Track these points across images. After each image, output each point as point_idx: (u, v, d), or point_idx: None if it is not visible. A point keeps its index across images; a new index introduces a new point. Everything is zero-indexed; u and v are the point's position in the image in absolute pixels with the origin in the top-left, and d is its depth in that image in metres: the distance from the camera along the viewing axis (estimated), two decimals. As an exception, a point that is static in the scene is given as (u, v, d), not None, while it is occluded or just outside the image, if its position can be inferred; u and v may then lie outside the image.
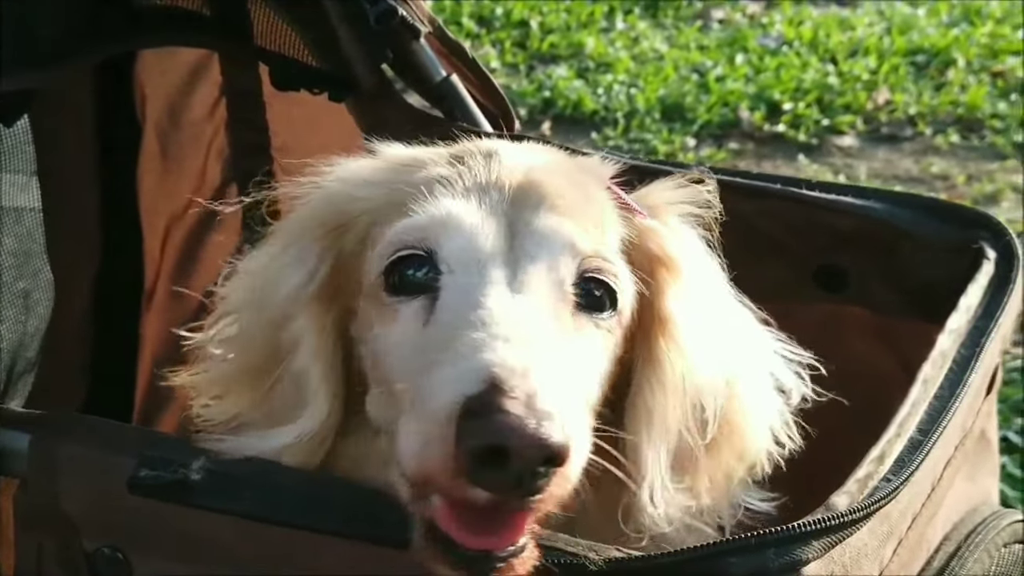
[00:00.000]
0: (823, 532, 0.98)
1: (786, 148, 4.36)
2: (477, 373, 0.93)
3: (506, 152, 1.20)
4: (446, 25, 1.72)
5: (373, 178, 1.21)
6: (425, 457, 0.94)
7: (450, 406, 0.92)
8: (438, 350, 1.00)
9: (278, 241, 1.23)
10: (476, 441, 0.90)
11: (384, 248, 1.12)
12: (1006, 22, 5.32)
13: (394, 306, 1.10)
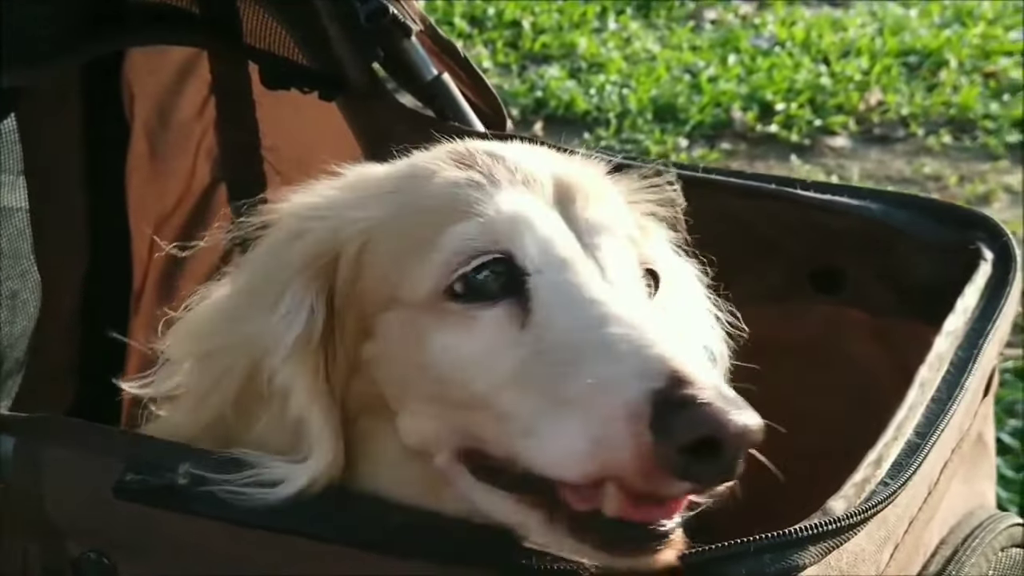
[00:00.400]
0: (820, 537, 0.97)
1: (779, 149, 4.35)
2: (657, 367, 0.93)
3: (509, 151, 1.17)
4: (438, 25, 1.71)
5: (368, 194, 1.15)
6: (608, 456, 0.93)
7: (636, 403, 0.91)
8: (565, 352, 0.98)
9: (258, 287, 1.13)
10: (688, 435, 0.89)
11: (449, 256, 1.06)
12: (998, 23, 5.32)
13: (469, 314, 1.04)
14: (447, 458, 1.07)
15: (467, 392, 1.03)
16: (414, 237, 1.09)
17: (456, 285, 1.05)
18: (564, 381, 0.97)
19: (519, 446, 0.99)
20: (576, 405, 0.95)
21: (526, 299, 1.04)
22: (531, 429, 0.98)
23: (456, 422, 1.05)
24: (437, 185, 1.11)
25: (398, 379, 1.09)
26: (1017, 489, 2.66)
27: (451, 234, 1.06)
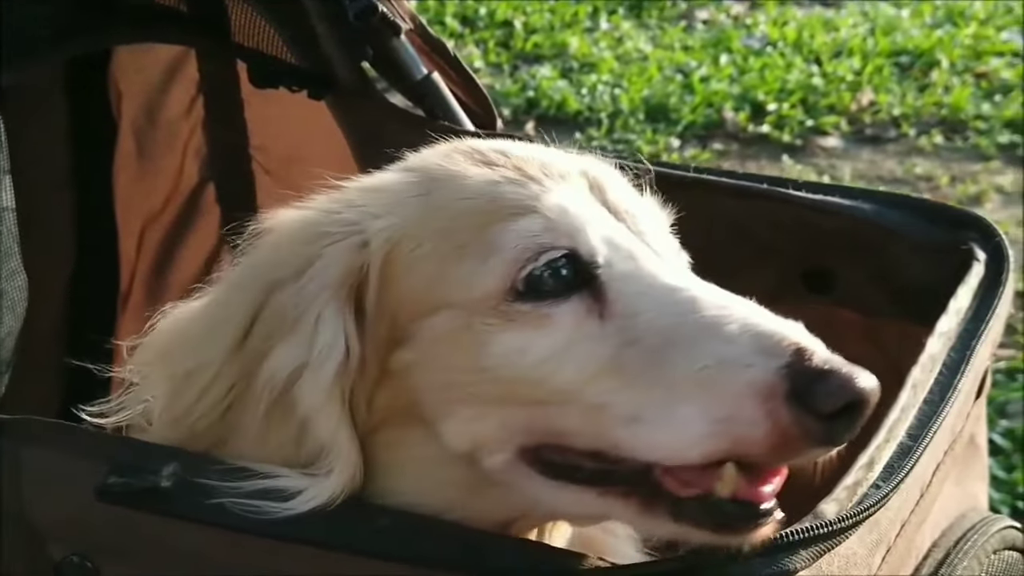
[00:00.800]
0: (811, 541, 0.95)
1: (770, 149, 4.35)
2: (775, 344, 0.95)
3: (519, 149, 1.16)
4: (430, 25, 1.70)
5: (389, 201, 1.11)
6: (739, 434, 0.95)
7: (765, 380, 0.94)
8: (660, 338, 0.99)
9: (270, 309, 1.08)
10: (832, 404, 0.93)
11: (515, 254, 1.04)
12: (990, 23, 5.33)
13: (540, 312, 1.03)
14: (506, 459, 1.06)
15: (545, 389, 1.02)
16: (456, 238, 1.07)
17: (520, 284, 1.04)
18: (668, 367, 0.98)
19: (618, 435, 1.00)
20: (690, 388, 0.96)
21: (599, 292, 1.04)
22: (635, 417, 0.98)
23: (523, 421, 1.04)
24: (472, 184, 1.09)
25: (443, 384, 1.07)
26: (1008, 490, 2.65)
27: (511, 232, 1.05)
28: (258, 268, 1.12)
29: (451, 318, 1.06)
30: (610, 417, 1.00)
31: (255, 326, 1.08)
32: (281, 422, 1.06)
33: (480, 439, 1.06)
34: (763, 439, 0.94)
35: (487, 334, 1.04)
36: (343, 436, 1.05)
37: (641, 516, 1.02)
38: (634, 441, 0.99)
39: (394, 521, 1.02)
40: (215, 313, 1.13)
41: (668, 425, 0.97)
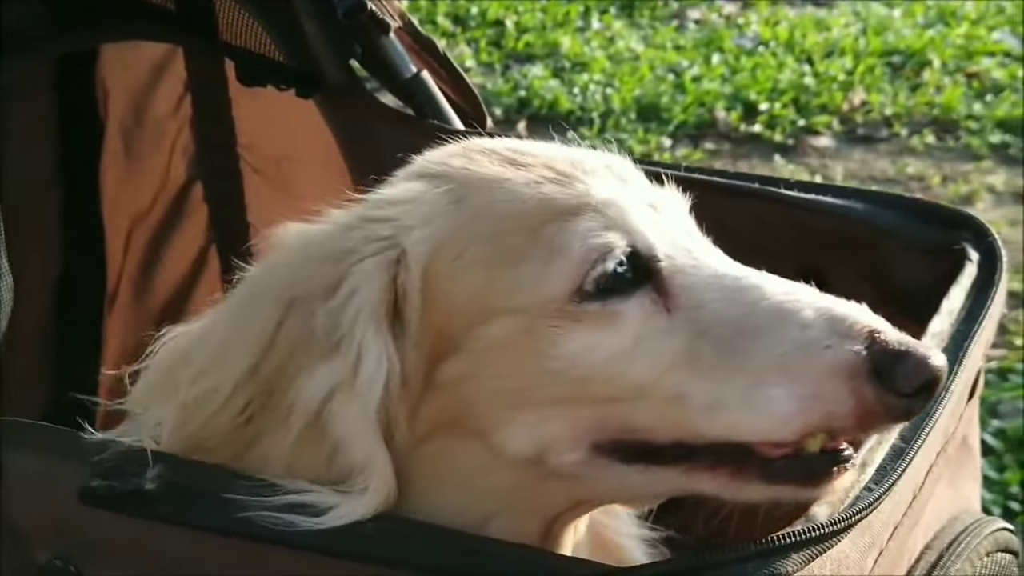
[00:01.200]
0: (803, 544, 0.94)
1: (762, 148, 4.34)
2: (850, 326, 1.00)
3: (533, 147, 1.15)
4: (421, 24, 1.69)
5: (423, 211, 1.07)
6: (826, 411, 0.99)
7: (848, 361, 0.99)
8: (733, 326, 1.02)
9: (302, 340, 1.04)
10: (913, 382, 0.99)
11: (583, 255, 1.03)
12: (981, 23, 5.33)
13: (609, 311, 1.03)
14: (582, 456, 1.05)
15: (617, 385, 1.03)
16: (504, 243, 1.04)
17: (589, 284, 1.03)
18: (747, 354, 1.01)
19: (700, 424, 1.02)
20: (773, 372, 1.00)
21: (661, 285, 1.05)
22: (716, 405, 1.01)
23: (595, 419, 1.04)
24: (513, 187, 1.07)
25: (503, 391, 1.05)
26: (1000, 491, 2.65)
27: (573, 233, 1.03)
28: (274, 287, 1.07)
29: (509, 324, 1.03)
30: (689, 407, 1.02)
31: (274, 347, 1.05)
32: (312, 444, 1.03)
33: (548, 441, 1.05)
34: (849, 414, 0.99)
35: (553, 337, 1.03)
36: (380, 457, 1.02)
37: (730, 485, 1.04)
38: (719, 427, 1.02)
39: (378, 526, 1.00)
40: (225, 334, 1.09)
41: (755, 408, 1.00)
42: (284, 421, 1.03)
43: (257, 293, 1.09)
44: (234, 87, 1.82)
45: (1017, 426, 2.82)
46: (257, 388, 1.05)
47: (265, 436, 1.05)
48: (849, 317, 1.01)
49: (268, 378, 1.05)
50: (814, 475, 1.02)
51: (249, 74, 1.73)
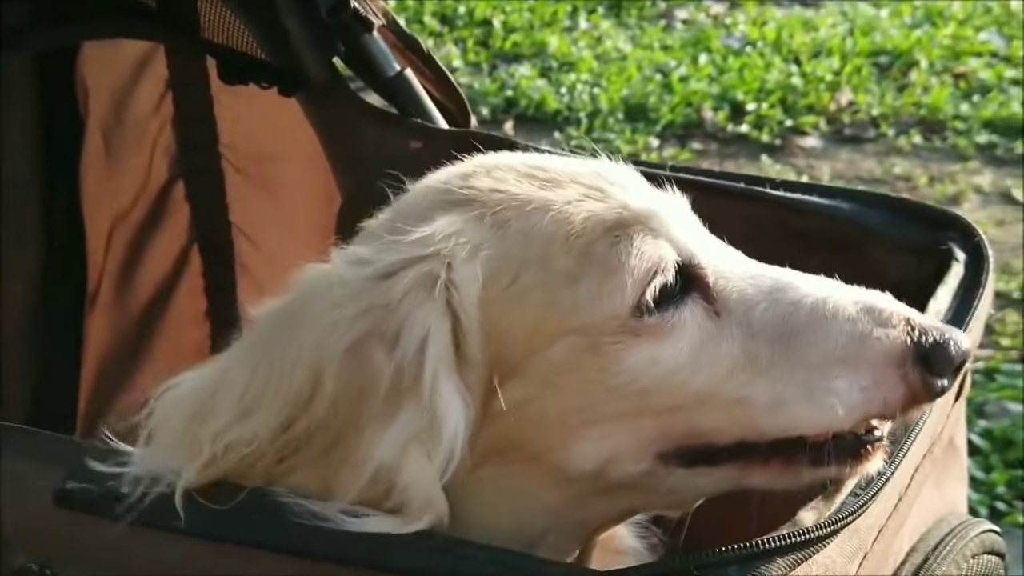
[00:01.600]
0: (789, 549, 0.93)
1: (749, 148, 4.33)
2: (889, 315, 1.06)
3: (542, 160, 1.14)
4: (409, 24, 1.67)
5: (462, 240, 1.04)
6: (884, 398, 1.04)
7: (895, 349, 1.04)
8: (782, 326, 1.05)
9: (357, 389, 1.00)
10: (950, 364, 1.06)
11: (643, 273, 1.03)
12: (968, 24, 5.33)
13: (666, 323, 1.04)
14: (646, 466, 1.06)
15: (681, 395, 1.04)
16: (558, 264, 1.03)
17: (650, 298, 1.04)
18: (803, 350, 1.04)
19: (763, 423, 1.04)
20: (832, 365, 1.04)
21: (707, 291, 1.07)
22: (779, 402, 1.04)
23: (659, 429, 1.05)
24: (553, 207, 1.06)
25: (567, 411, 1.04)
26: (987, 491, 2.64)
27: (627, 249, 1.04)
28: (308, 337, 1.02)
29: (571, 345, 1.03)
30: (752, 408, 1.04)
31: (317, 396, 1.01)
32: (372, 484, 1.00)
33: (611, 455, 1.05)
34: (900, 399, 1.05)
35: (616, 353, 1.03)
36: (437, 494, 1.01)
37: (782, 475, 1.07)
38: (782, 424, 1.04)
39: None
40: (251, 387, 1.03)
41: (818, 402, 1.03)
42: (343, 472, 1.00)
43: (285, 342, 1.03)
44: (216, 85, 1.81)
45: (1004, 426, 2.81)
46: (296, 441, 1.01)
47: (301, 471, 1.02)
48: (885, 307, 1.07)
49: (312, 431, 1.01)
50: (856, 456, 1.06)
51: (231, 72, 1.72)
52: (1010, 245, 3.65)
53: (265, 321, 1.08)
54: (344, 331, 1.01)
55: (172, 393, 1.08)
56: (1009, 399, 2.92)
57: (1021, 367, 3.06)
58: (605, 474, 1.06)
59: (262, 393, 1.02)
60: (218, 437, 1.02)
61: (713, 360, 1.05)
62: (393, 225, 1.09)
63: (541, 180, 1.09)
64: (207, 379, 1.07)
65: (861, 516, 1.01)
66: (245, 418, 1.02)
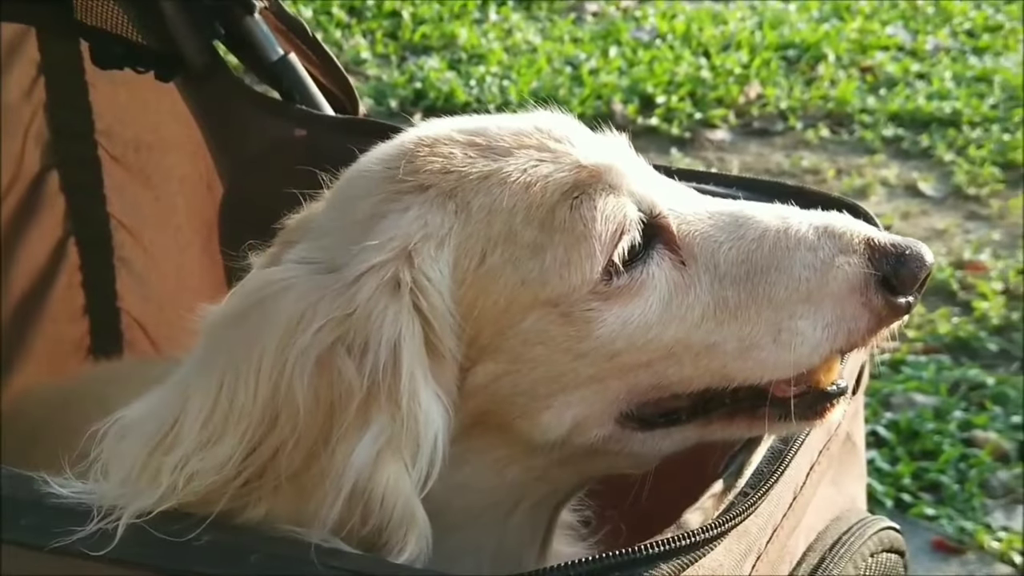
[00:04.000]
0: (673, 553, 0.88)
1: (659, 141, 4.31)
2: (850, 238, 1.04)
3: (485, 121, 1.11)
4: (316, 15, 1.60)
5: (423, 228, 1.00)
6: (849, 329, 1.04)
7: (857, 276, 1.03)
8: (747, 265, 1.03)
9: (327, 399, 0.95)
10: (913, 281, 1.04)
11: (611, 235, 1.01)
12: (875, 18, 5.39)
13: (636, 280, 1.02)
14: (608, 430, 1.05)
15: (652, 349, 1.03)
16: (524, 238, 1.01)
17: (618, 260, 1.02)
18: (768, 289, 1.03)
19: (733, 368, 1.03)
20: (796, 303, 1.03)
21: (670, 239, 1.05)
22: (749, 346, 1.03)
23: (625, 387, 1.04)
24: (508, 178, 1.02)
25: (538, 381, 1.02)
26: (892, 482, 2.64)
27: (591, 212, 1.01)
28: (270, 346, 0.95)
29: (543, 317, 1.01)
30: (721, 354, 1.03)
31: (284, 415, 0.94)
32: (348, 504, 0.94)
33: (579, 420, 1.04)
34: (866, 327, 1.04)
35: (588, 319, 1.01)
36: (417, 507, 0.96)
37: (747, 429, 1.06)
38: (752, 368, 1.03)
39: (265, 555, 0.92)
40: (210, 408, 0.96)
41: (786, 343, 1.03)
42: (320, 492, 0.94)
43: (245, 359, 0.96)
44: (91, 70, 1.72)
45: (910, 418, 2.82)
46: (263, 464, 0.95)
47: (267, 498, 0.95)
48: (846, 230, 1.05)
49: (281, 452, 0.94)
50: (819, 409, 1.07)
51: (104, 56, 1.63)
52: (915, 237, 3.66)
53: (218, 333, 1.00)
54: (308, 344, 0.95)
55: (125, 421, 1.00)
56: (915, 391, 2.93)
57: (926, 358, 3.07)
58: (571, 442, 1.05)
59: (227, 417, 0.95)
60: (181, 467, 0.95)
61: (683, 311, 1.03)
62: (343, 222, 1.04)
63: (487, 148, 1.05)
64: (163, 403, 1.00)
65: (751, 516, 0.96)
66: (210, 446, 0.95)
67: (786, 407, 1.04)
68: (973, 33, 5.29)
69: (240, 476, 0.95)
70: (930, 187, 3.99)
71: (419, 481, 0.96)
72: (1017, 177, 4.03)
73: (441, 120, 1.14)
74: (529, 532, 1.13)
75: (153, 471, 0.96)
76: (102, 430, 0.98)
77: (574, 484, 1.15)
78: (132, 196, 1.79)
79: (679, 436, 1.08)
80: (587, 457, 1.08)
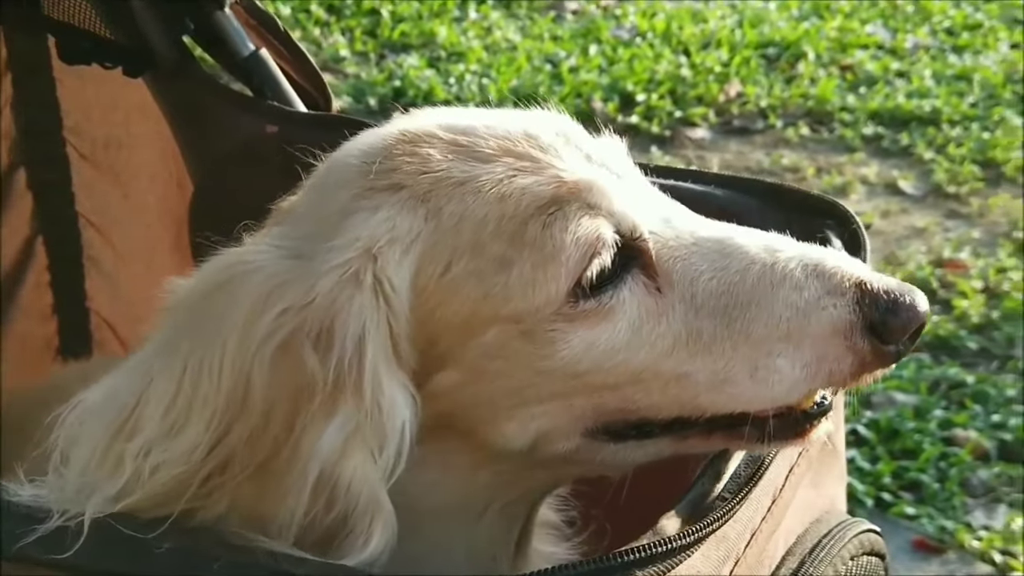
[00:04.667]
0: (649, 560, 0.86)
1: (639, 140, 4.29)
2: (840, 280, 1.00)
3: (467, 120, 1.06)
4: (294, 13, 1.57)
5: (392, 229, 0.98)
6: (829, 371, 1.00)
7: (843, 319, 0.99)
8: (728, 297, 1.00)
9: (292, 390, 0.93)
10: (904, 331, 1.00)
11: (581, 253, 0.97)
12: (854, 16, 5.38)
13: (605, 305, 0.99)
14: (575, 443, 1.03)
15: (619, 374, 1.00)
16: (491, 251, 0.98)
17: (587, 283, 0.98)
18: (747, 324, 1.00)
19: (704, 400, 1.01)
20: (776, 341, 0.99)
21: (648, 265, 1.01)
22: (722, 380, 1.00)
23: (593, 405, 1.01)
24: (486, 187, 0.99)
25: (499, 394, 1.00)
26: (872, 481, 2.63)
27: (563, 232, 0.97)
28: (233, 329, 0.93)
29: (504, 332, 0.99)
30: (693, 385, 1.00)
31: (252, 406, 0.92)
32: (314, 494, 0.93)
33: (543, 433, 1.02)
34: (847, 370, 1.00)
35: (551, 340, 0.99)
36: (383, 496, 0.95)
37: (726, 446, 1.03)
38: (725, 402, 1.01)
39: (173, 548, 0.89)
40: (173, 395, 0.94)
41: (760, 380, 0.99)
42: (287, 480, 0.92)
43: (209, 341, 0.94)
44: (59, 66, 1.69)
45: (890, 417, 2.81)
46: (229, 455, 0.93)
47: (231, 491, 0.93)
48: (836, 271, 1.01)
49: (247, 442, 0.93)
50: (800, 430, 1.04)
51: (71, 52, 1.60)
52: (896, 236, 3.67)
53: (182, 312, 0.98)
54: (270, 330, 0.93)
55: (85, 405, 0.97)
56: (895, 389, 2.92)
57: (907, 357, 3.06)
58: (537, 451, 1.03)
59: (191, 404, 0.93)
60: (144, 454, 0.93)
61: (653, 339, 1.00)
62: (316, 213, 1.03)
63: (468, 151, 1.02)
64: (125, 386, 0.97)
65: (730, 521, 0.94)
66: (175, 433, 0.93)
67: (765, 428, 1.01)
68: (953, 31, 5.29)
69: (205, 467, 0.92)
70: (910, 185, 3.99)
71: (386, 471, 0.94)
72: (997, 175, 4.03)
73: (430, 111, 1.11)
74: (502, 533, 1.11)
75: (115, 458, 0.94)
76: (61, 415, 0.96)
77: (547, 487, 1.13)
78: (101, 194, 1.76)
79: (653, 448, 1.05)
80: (557, 464, 1.06)
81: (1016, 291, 3.33)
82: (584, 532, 1.26)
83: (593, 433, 1.03)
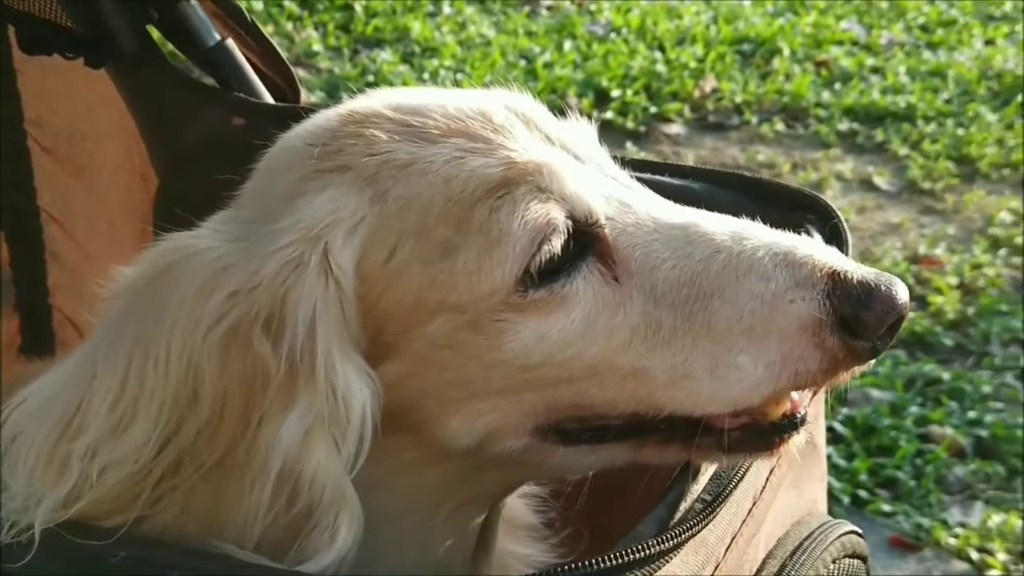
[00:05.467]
0: (625, 567, 0.83)
1: (614, 135, 4.27)
2: (811, 271, 0.93)
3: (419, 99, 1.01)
4: (267, 7, 1.52)
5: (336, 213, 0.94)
6: (795, 370, 0.93)
7: (810, 314, 0.92)
8: (690, 288, 0.94)
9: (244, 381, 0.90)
10: (880, 326, 0.93)
11: (528, 240, 0.92)
12: (829, 12, 5.38)
13: (556, 294, 0.93)
14: (523, 442, 0.98)
15: (572, 367, 0.95)
16: (436, 235, 0.94)
17: (535, 271, 0.93)
18: (709, 316, 0.94)
19: (662, 397, 0.95)
20: (738, 336, 0.93)
21: (605, 252, 0.96)
22: (682, 375, 0.94)
23: (544, 401, 0.96)
24: (434, 168, 0.95)
25: (446, 386, 0.96)
26: (849, 479, 2.61)
27: (511, 216, 0.93)
28: (178, 317, 0.89)
29: (450, 322, 0.94)
30: (651, 380, 0.95)
31: (200, 394, 0.89)
32: (276, 489, 0.89)
33: (491, 429, 0.97)
34: (816, 369, 0.94)
35: (499, 330, 0.94)
36: (348, 486, 0.91)
37: (684, 456, 0.98)
38: (684, 400, 0.95)
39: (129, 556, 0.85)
40: (118, 392, 0.90)
41: (723, 378, 0.93)
42: (245, 477, 0.89)
43: (153, 331, 0.90)
44: (19, 57, 1.64)
45: (866, 413, 2.79)
46: (182, 448, 0.89)
47: (185, 493, 0.89)
48: (808, 260, 0.94)
49: (200, 438, 0.89)
50: (769, 443, 0.98)
51: (32, 42, 1.55)
52: (871, 232, 3.65)
53: (125, 301, 0.94)
54: (217, 315, 0.90)
55: (28, 405, 0.93)
56: (871, 386, 2.90)
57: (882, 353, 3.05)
58: (486, 450, 0.99)
59: (137, 398, 0.89)
60: (91, 454, 0.89)
61: (609, 331, 0.95)
62: (263, 195, 0.99)
63: (416, 132, 0.98)
64: (69, 383, 0.93)
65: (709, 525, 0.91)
66: (121, 431, 0.89)
67: (722, 438, 0.95)
68: (927, 28, 5.29)
69: (157, 467, 0.89)
70: (885, 181, 3.98)
71: (349, 460, 0.91)
72: (971, 171, 4.02)
73: (383, 93, 1.06)
74: (458, 533, 1.07)
75: (61, 461, 0.90)
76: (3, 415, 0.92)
77: (499, 490, 1.09)
78: (63, 188, 1.71)
79: (606, 455, 1.00)
80: (506, 465, 1.01)
81: (991, 287, 3.32)
82: (562, 533, 1.22)
83: (544, 433, 0.99)
